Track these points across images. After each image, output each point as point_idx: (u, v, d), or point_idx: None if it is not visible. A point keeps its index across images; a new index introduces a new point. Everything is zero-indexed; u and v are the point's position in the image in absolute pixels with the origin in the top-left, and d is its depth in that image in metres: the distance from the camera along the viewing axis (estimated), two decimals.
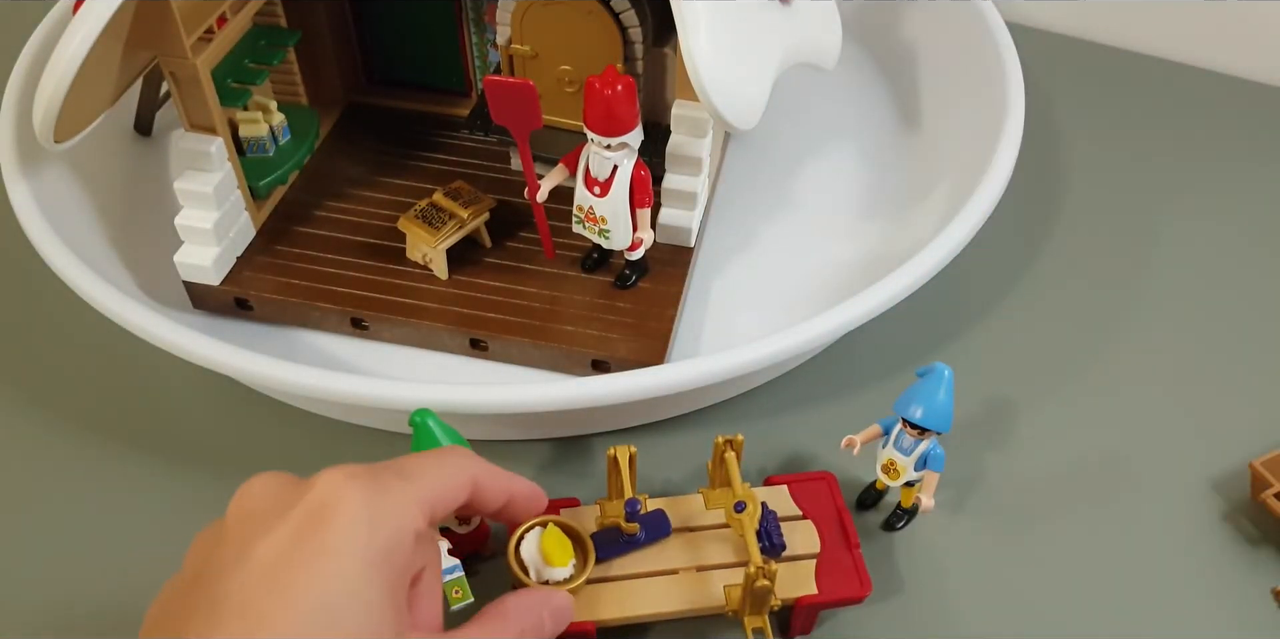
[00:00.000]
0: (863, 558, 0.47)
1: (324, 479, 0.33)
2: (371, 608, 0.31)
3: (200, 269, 0.56)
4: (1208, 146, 0.73)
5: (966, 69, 0.67)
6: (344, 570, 0.31)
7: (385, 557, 0.32)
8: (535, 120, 0.50)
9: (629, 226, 0.54)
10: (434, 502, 0.35)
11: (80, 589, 0.50)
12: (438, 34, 0.64)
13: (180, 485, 0.54)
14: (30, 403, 0.57)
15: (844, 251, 0.63)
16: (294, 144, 0.61)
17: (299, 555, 0.31)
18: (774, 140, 0.69)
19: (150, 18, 0.49)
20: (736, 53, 0.50)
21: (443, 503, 0.36)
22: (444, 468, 0.37)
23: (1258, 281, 0.64)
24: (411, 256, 0.58)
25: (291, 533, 0.32)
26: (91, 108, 0.52)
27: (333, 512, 0.32)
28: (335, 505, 0.32)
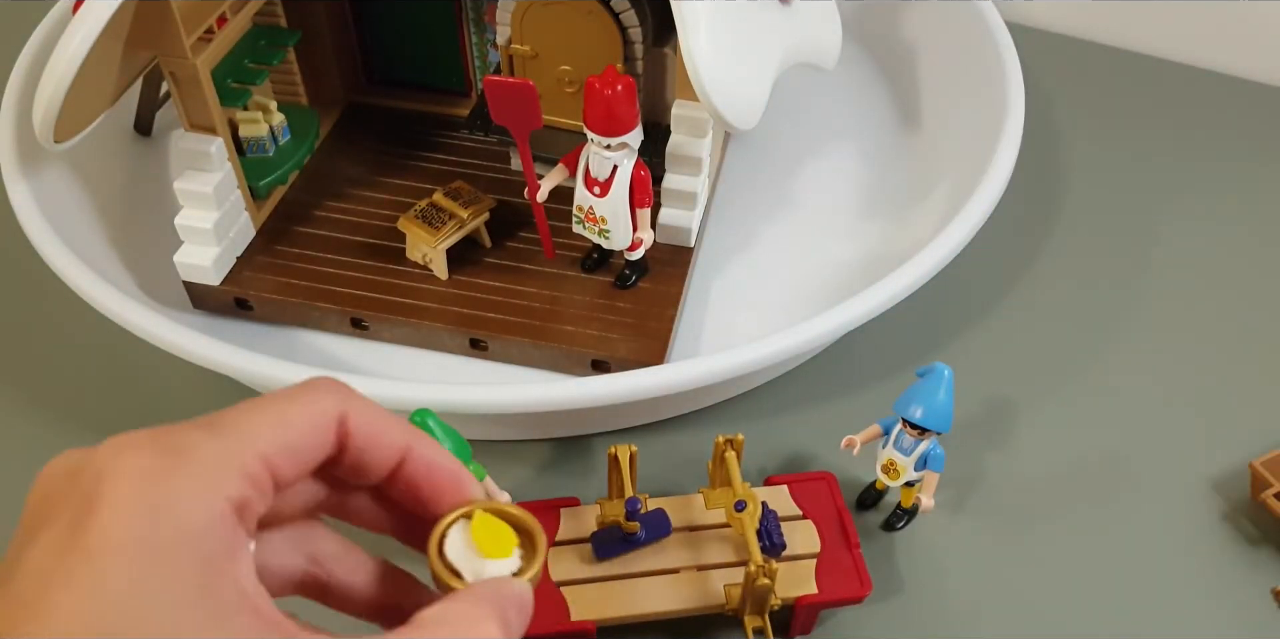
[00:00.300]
0: (863, 558, 0.47)
1: (99, 455, 0.26)
2: (163, 613, 0.24)
3: (200, 269, 0.56)
4: (1207, 146, 0.73)
5: (966, 69, 0.67)
6: (113, 576, 0.24)
7: (179, 545, 0.24)
8: (535, 120, 0.50)
9: (629, 226, 0.54)
10: (267, 455, 0.26)
11: None
12: (438, 34, 0.64)
13: None
14: (30, 403, 0.57)
15: (844, 251, 0.63)
16: (294, 144, 0.61)
17: (64, 563, 0.24)
18: (774, 140, 0.69)
19: (150, 18, 0.48)
20: (736, 53, 0.50)
21: (286, 455, 0.27)
22: (289, 406, 0.28)
23: (1258, 281, 0.64)
24: (411, 256, 0.58)
25: (62, 530, 0.25)
26: (91, 108, 0.52)
27: (98, 500, 0.24)
28: (100, 491, 0.25)
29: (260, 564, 0.28)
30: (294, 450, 0.27)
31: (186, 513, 0.25)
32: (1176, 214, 0.68)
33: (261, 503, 0.26)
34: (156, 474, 0.25)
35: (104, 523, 0.24)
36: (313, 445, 0.28)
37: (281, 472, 0.27)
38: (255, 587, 0.26)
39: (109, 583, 0.23)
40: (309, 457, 0.28)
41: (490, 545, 0.30)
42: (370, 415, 0.29)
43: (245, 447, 0.26)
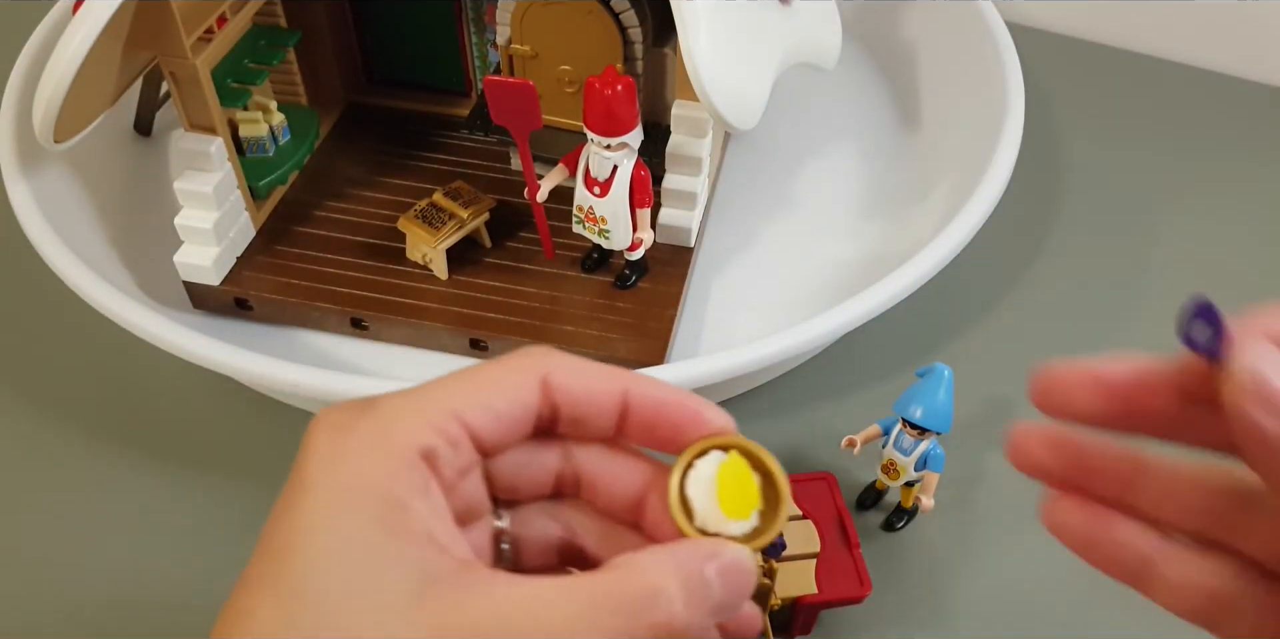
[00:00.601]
0: (863, 558, 0.47)
1: (318, 414, 0.28)
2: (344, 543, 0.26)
3: (200, 269, 0.56)
4: (1208, 146, 0.72)
5: (966, 69, 0.67)
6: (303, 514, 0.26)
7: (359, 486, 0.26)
8: (535, 120, 0.50)
9: (629, 226, 0.54)
10: (458, 412, 0.27)
11: (77, 588, 0.50)
12: (437, 34, 0.64)
13: (179, 485, 0.54)
14: (30, 403, 0.57)
15: (844, 251, 0.63)
16: (294, 144, 0.61)
17: (282, 502, 0.27)
18: (774, 140, 0.69)
19: (150, 18, 0.48)
20: (736, 53, 0.50)
21: (482, 414, 0.28)
22: (487, 369, 0.29)
23: (1259, 281, 0.64)
24: (411, 257, 0.58)
25: (289, 477, 0.28)
26: (91, 108, 0.52)
27: (304, 450, 0.28)
28: (306, 443, 0.28)
29: (516, 536, 0.30)
30: (491, 410, 0.28)
31: (365, 458, 0.27)
32: (1176, 214, 0.68)
33: (456, 455, 0.27)
34: (344, 425, 0.27)
35: (303, 469, 0.27)
36: (514, 405, 0.28)
37: (479, 429, 0.28)
38: (442, 528, 0.26)
39: (299, 519, 0.26)
40: (512, 416, 0.28)
41: (730, 498, 0.28)
42: (575, 368, 0.29)
43: (433, 402, 0.28)
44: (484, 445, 0.28)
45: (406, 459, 0.27)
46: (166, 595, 0.50)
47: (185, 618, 0.49)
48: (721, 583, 0.27)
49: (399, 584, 0.25)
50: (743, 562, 0.28)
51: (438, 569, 0.25)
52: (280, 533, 0.26)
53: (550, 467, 0.30)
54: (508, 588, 0.25)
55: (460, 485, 0.28)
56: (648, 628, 0.25)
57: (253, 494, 0.53)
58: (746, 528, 0.28)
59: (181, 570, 0.51)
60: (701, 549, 0.27)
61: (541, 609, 0.25)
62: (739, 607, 0.28)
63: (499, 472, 0.30)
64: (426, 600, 0.25)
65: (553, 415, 0.29)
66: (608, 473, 0.30)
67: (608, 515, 0.30)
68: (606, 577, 0.26)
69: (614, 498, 0.30)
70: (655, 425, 0.29)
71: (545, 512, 0.31)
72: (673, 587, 0.26)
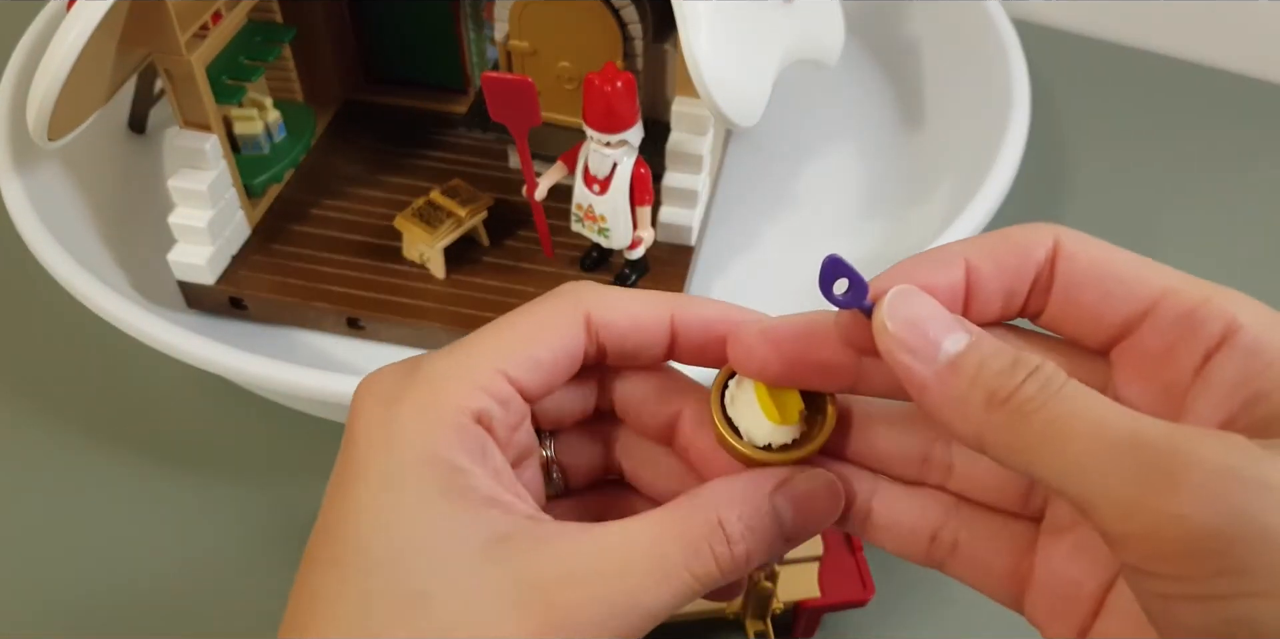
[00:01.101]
0: (865, 561, 0.46)
1: (359, 385, 0.28)
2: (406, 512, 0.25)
3: (195, 268, 0.55)
4: (1215, 145, 0.72)
5: (971, 66, 0.67)
6: (361, 487, 0.26)
7: (413, 454, 0.26)
8: (534, 117, 0.50)
9: (629, 225, 0.54)
10: (503, 368, 0.27)
11: (71, 587, 0.50)
12: (435, 30, 0.63)
13: (174, 485, 0.53)
14: (23, 402, 0.57)
15: (847, 251, 0.62)
16: (290, 142, 0.60)
17: (336, 481, 0.27)
18: (776, 138, 0.69)
19: (145, 14, 0.48)
20: (737, 49, 0.49)
21: (528, 367, 0.27)
22: (524, 318, 0.28)
23: (1265, 281, 0.63)
24: (408, 255, 0.58)
25: (340, 454, 0.27)
26: (86, 105, 0.51)
27: (353, 422, 0.27)
28: (354, 415, 0.27)
29: (563, 462, 0.31)
30: (538, 362, 0.27)
31: (418, 427, 0.26)
32: (1183, 212, 0.67)
33: (507, 412, 0.27)
34: (391, 395, 0.27)
35: (354, 445, 0.27)
36: (559, 353, 0.28)
37: (527, 383, 0.27)
38: (505, 486, 0.26)
39: (357, 496, 0.26)
40: (556, 364, 0.28)
41: (773, 406, 0.28)
42: (617, 303, 0.29)
43: (478, 362, 0.27)
44: (532, 395, 0.28)
45: (459, 424, 0.26)
46: (161, 594, 0.50)
47: (183, 617, 0.49)
48: (794, 510, 0.27)
49: (468, 546, 0.25)
50: (816, 487, 0.27)
51: (506, 528, 0.25)
52: (339, 512, 0.26)
53: (591, 396, 0.30)
54: (578, 536, 0.26)
55: (513, 439, 0.28)
56: (715, 560, 0.26)
57: (248, 494, 0.53)
58: (796, 433, 0.28)
59: (177, 570, 0.50)
60: (766, 479, 0.27)
61: (612, 553, 0.25)
62: (817, 531, 0.28)
63: (544, 409, 0.30)
64: (499, 557, 0.25)
65: (600, 352, 0.29)
66: (638, 398, 0.30)
67: (643, 434, 0.31)
68: (670, 514, 0.26)
69: (646, 423, 0.30)
70: (706, 346, 0.29)
71: (586, 433, 0.31)
72: (733, 519, 0.26)
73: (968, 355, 0.24)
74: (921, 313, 0.24)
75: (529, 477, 0.30)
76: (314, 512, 0.27)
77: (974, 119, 0.64)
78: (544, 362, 0.28)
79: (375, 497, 0.26)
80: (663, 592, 0.25)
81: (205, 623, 0.49)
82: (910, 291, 0.25)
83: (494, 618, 0.24)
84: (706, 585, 0.26)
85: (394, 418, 0.26)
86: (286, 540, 0.51)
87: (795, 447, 0.28)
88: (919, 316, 0.24)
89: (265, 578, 0.50)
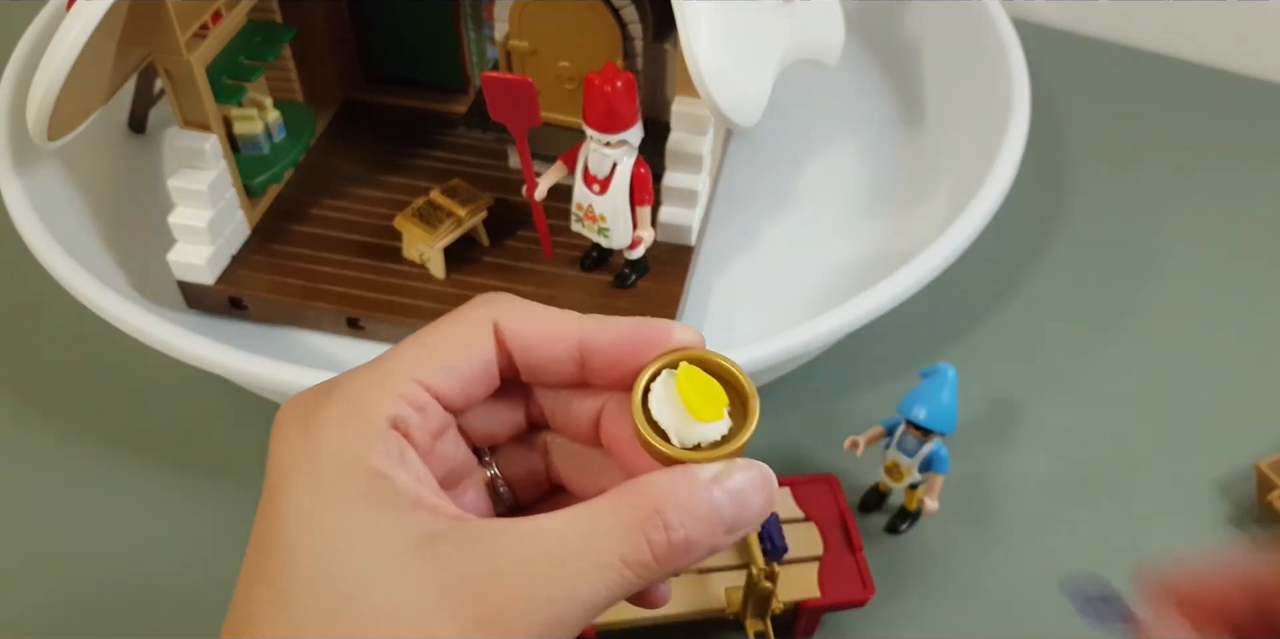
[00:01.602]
0: (866, 561, 0.46)
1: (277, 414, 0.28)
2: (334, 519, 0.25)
3: (194, 268, 0.55)
4: (1215, 145, 0.72)
5: (971, 66, 0.67)
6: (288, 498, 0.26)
7: (337, 464, 0.26)
8: (534, 117, 0.50)
9: (628, 225, 0.53)
10: (418, 376, 0.27)
11: (73, 586, 0.50)
12: (435, 30, 0.63)
13: (174, 485, 0.53)
14: (22, 402, 0.57)
15: (847, 251, 0.62)
16: (289, 141, 0.60)
17: (265, 497, 0.27)
18: (776, 138, 0.69)
19: (145, 14, 0.48)
20: (737, 49, 0.49)
21: (443, 374, 0.27)
22: (438, 327, 0.29)
23: (1264, 281, 0.63)
24: (408, 255, 0.58)
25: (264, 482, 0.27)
26: (85, 105, 0.51)
27: (275, 439, 0.27)
28: (276, 433, 0.27)
29: (506, 476, 0.31)
30: (452, 370, 0.28)
31: (336, 436, 0.26)
32: (1183, 212, 0.67)
33: (425, 419, 0.27)
34: (310, 410, 0.27)
35: (277, 460, 0.27)
36: (473, 361, 0.28)
37: (444, 391, 0.27)
38: (428, 490, 0.26)
39: (283, 509, 0.26)
40: (473, 373, 0.28)
41: (698, 405, 0.27)
42: (522, 313, 0.29)
43: (392, 372, 0.27)
44: (453, 404, 0.28)
45: (378, 430, 0.26)
46: (160, 594, 0.49)
47: (182, 617, 0.49)
48: (733, 503, 0.26)
49: (395, 547, 0.25)
50: (751, 477, 0.27)
51: (433, 528, 0.25)
52: (268, 526, 0.26)
53: (519, 407, 0.31)
54: (508, 528, 0.25)
55: (437, 448, 0.28)
56: (651, 548, 0.25)
57: (246, 494, 0.53)
58: (724, 429, 0.28)
59: (176, 569, 0.50)
60: (701, 472, 0.27)
61: (542, 546, 0.25)
62: (756, 524, 0.27)
63: (473, 425, 0.30)
64: (427, 556, 0.25)
65: (512, 365, 0.29)
66: (561, 400, 0.30)
67: (573, 438, 0.31)
68: (604, 504, 0.26)
69: (572, 425, 0.30)
70: (619, 365, 0.28)
71: (524, 444, 0.31)
72: (671, 509, 0.26)
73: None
74: None
75: (471, 498, 0.30)
76: None
77: (974, 119, 0.64)
78: (458, 369, 0.28)
79: (300, 507, 0.26)
80: (596, 582, 0.25)
81: (205, 623, 0.49)
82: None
83: (424, 616, 0.24)
84: (643, 577, 0.25)
85: (313, 429, 0.27)
86: None
87: (723, 443, 0.27)
88: None
89: None
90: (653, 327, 0.28)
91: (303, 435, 0.27)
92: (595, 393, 0.30)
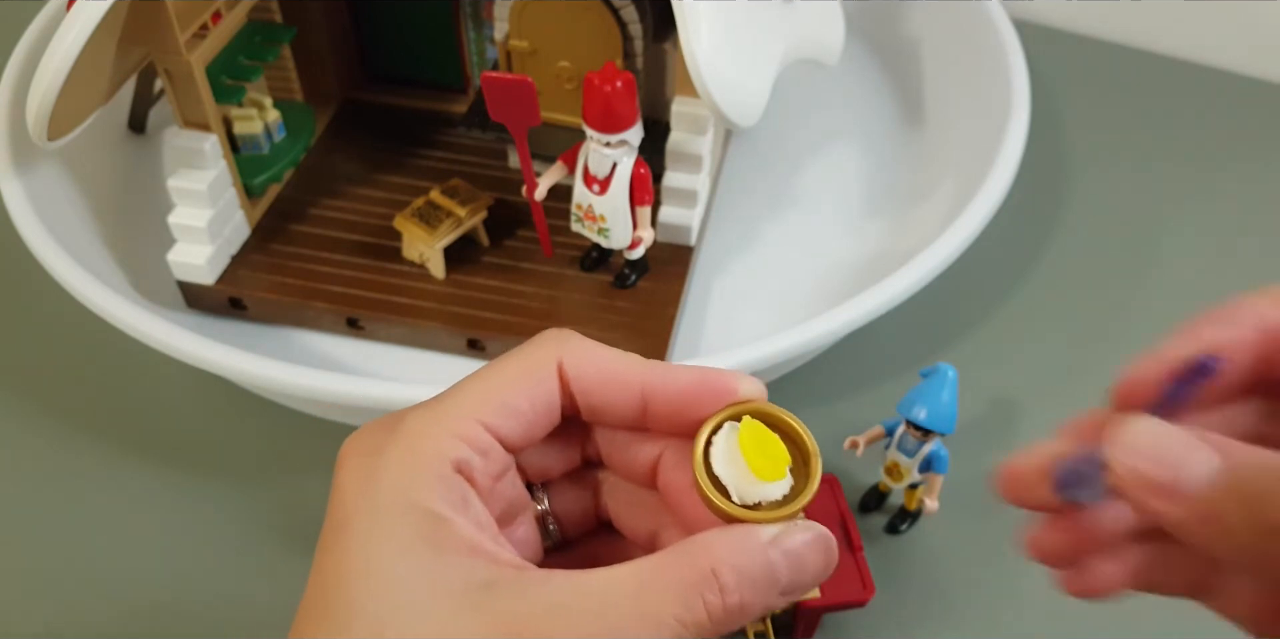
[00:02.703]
0: (865, 561, 0.46)
1: (341, 448, 0.28)
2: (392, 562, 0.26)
3: (194, 268, 0.55)
4: (1215, 145, 0.72)
5: (971, 66, 0.67)
6: (350, 539, 0.26)
7: (397, 506, 0.26)
8: (533, 117, 0.50)
9: (628, 225, 0.53)
10: (480, 417, 0.27)
11: (72, 586, 0.49)
12: (435, 30, 0.63)
13: (174, 485, 0.53)
14: (23, 403, 0.57)
15: (847, 250, 0.62)
16: (289, 141, 0.60)
17: (326, 535, 0.27)
18: (776, 138, 0.69)
19: (144, 14, 0.48)
20: (737, 49, 0.49)
21: (504, 414, 0.28)
22: (501, 366, 0.28)
23: (1265, 281, 0.63)
24: (408, 255, 0.58)
25: (326, 517, 0.28)
26: (85, 105, 0.51)
27: (338, 475, 0.28)
28: (339, 470, 0.28)
29: (556, 512, 0.31)
30: (514, 411, 0.28)
31: (399, 478, 0.26)
32: (1184, 213, 0.67)
33: (487, 462, 0.27)
34: (373, 449, 0.27)
35: (340, 498, 0.27)
36: (536, 402, 0.28)
37: (506, 432, 0.28)
38: (488, 537, 0.27)
39: (345, 547, 0.26)
40: (535, 412, 0.28)
41: (761, 464, 0.27)
42: (589, 356, 0.28)
43: (455, 413, 0.27)
44: (514, 445, 0.28)
45: (440, 474, 0.27)
46: (159, 594, 0.49)
47: (181, 617, 0.49)
48: (790, 566, 0.26)
49: (450, 593, 0.25)
50: (811, 540, 0.27)
51: (489, 575, 0.25)
52: (328, 563, 0.26)
53: (576, 444, 0.31)
54: (563, 583, 0.25)
55: (497, 488, 0.28)
56: (707, 609, 0.25)
57: (248, 494, 0.53)
58: (785, 488, 0.27)
59: (175, 569, 0.50)
60: (760, 533, 0.26)
61: (596, 601, 0.25)
62: (814, 585, 0.27)
63: (530, 460, 0.30)
64: (484, 605, 0.25)
65: (573, 404, 0.29)
66: (620, 441, 0.30)
67: (628, 478, 0.31)
68: (659, 562, 0.26)
69: (629, 465, 0.30)
70: (681, 415, 0.28)
71: (576, 482, 0.31)
72: (727, 571, 0.25)
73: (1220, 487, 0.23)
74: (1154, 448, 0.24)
75: (523, 533, 0.30)
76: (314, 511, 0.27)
77: (974, 119, 0.64)
78: (521, 410, 0.28)
79: (360, 547, 0.26)
80: (647, 637, 0.25)
81: (203, 623, 0.49)
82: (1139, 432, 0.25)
83: None
84: (696, 635, 0.25)
85: (376, 469, 0.27)
86: (286, 540, 0.51)
87: (783, 502, 0.27)
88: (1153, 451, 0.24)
89: (264, 577, 0.49)
90: (718, 378, 0.28)
91: (365, 475, 0.27)
92: (655, 437, 0.29)
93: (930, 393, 0.45)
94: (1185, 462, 0.23)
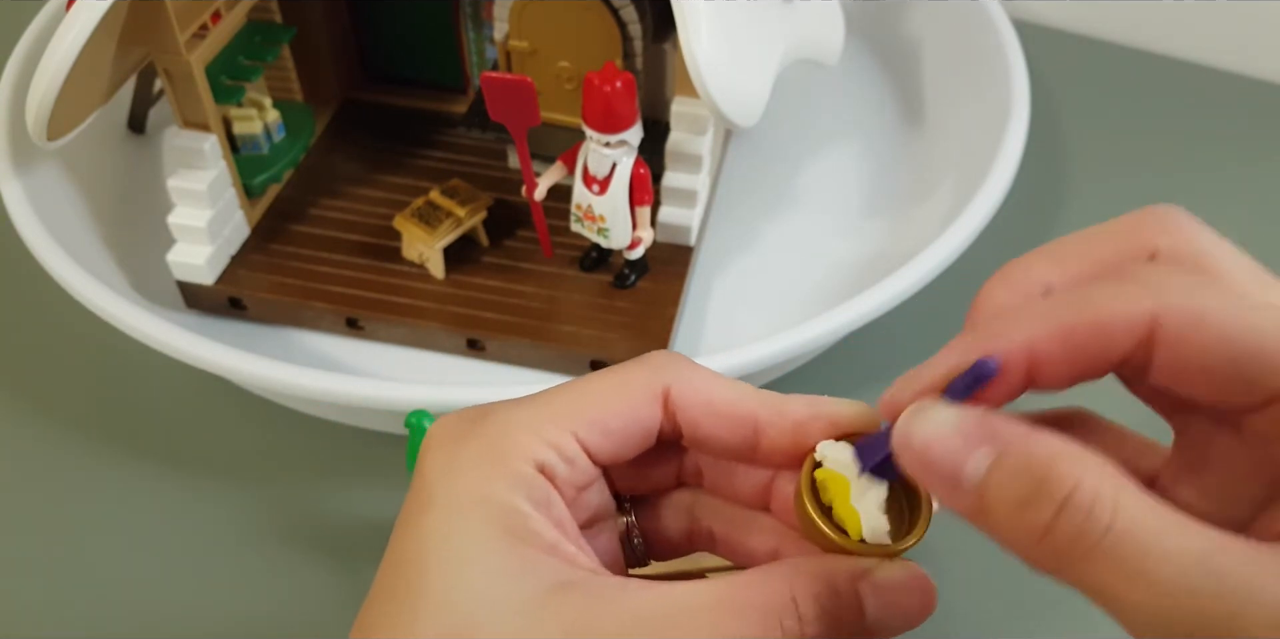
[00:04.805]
0: None
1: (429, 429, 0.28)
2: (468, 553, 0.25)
3: (194, 268, 0.55)
4: (1215, 146, 0.72)
5: (971, 66, 0.67)
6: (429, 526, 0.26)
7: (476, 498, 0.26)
8: (533, 117, 0.50)
9: (628, 225, 0.53)
10: (572, 428, 0.27)
11: (71, 586, 0.49)
12: (434, 30, 0.63)
13: (173, 485, 0.53)
14: (20, 402, 0.57)
15: (847, 251, 0.62)
16: (289, 141, 0.60)
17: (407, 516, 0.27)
18: (776, 138, 0.69)
19: (144, 14, 0.48)
20: (737, 49, 0.49)
21: (596, 431, 0.27)
22: (604, 381, 0.28)
23: None
24: (407, 256, 0.58)
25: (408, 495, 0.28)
26: (85, 105, 0.51)
27: (422, 461, 0.27)
28: (423, 455, 0.27)
29: (645, 529, 0.30)
30: (605, 428, 0.27)
31: (482, 471, 0.26)
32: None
33: (574, 470, 0.27)
34: (459, 436, 0.27)
35: (423, 480, 0.27)
36: (630, 424, 0.27)
37: (593, 445, 0.27)
38: (568, 539, 0.26)
39: (423, 530, 0.26)
40: (628, 433, 0.28)
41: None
42: (697, 383, 0.28)
43: (547, 418, 0.27)
44: (601, 460, 0.28)
45: (522, 472, 0.26)
46: (158, 594, 0.49)
47: (181, 617, 0.48)
48: (880, 602, 0.26)
49: (528, 590, 0.25)
50: (907, 579, 0.26)
51: (566, 577, 0.25)
52: (405, 545, 0.26)
53: (673, 465, 0.30)
54: (640, 592, 0.25)
55: (581, 498, 0.28)
56: (783, 636, 0.25)
57: (248, 494, 0.53)
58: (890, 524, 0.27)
59: (174, 569, 0.50)
60: (849, 564, 0.26)
61: (672, 613, 0.24)
62: (904, 629, 0.26)
63: (621, 473, 0.29)
64: (556, 605, 0.25)
65: (675, 431, 0.28)
66: (725, 472, 0.30)
67: (734, 500, 0.30)
68: (740, 581, 0.25)
69: (737, 489, 0.29)
70: (793, 448, 0.27)
71: (671, 502, 0.31)
72: (808, 598, 0.25)
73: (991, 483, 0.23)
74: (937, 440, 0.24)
75: (604, 541, 0.30)
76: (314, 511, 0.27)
77: (974, 118, 0.64)
78: (611, 429, 0.27)
79: (438, 530, 0.26)
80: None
81: (203, 622, 0.49)
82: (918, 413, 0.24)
83: None
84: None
85: (458, 455, 0.27)
86: (286, 540, 0.51)
87: (891, 540, 0.26)
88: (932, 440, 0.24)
89: (263, 578, 0.49)
90: (833, 409, 0.28)
91: (448, 462, 0.27)
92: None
93: None
94: (964, 458, 0.23)
